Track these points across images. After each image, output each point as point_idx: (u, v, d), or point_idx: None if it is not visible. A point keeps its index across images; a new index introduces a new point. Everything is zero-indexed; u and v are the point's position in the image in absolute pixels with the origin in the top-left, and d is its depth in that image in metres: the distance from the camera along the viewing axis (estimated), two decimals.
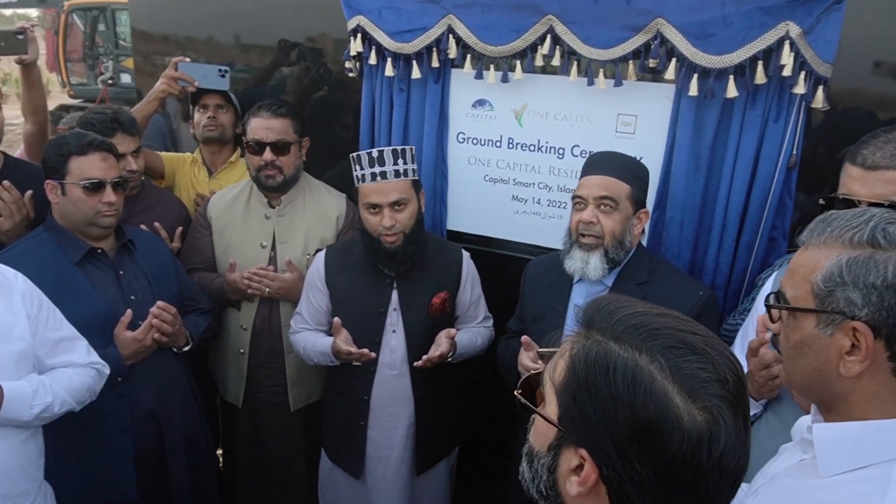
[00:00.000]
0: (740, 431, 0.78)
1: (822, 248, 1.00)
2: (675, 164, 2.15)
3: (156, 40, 3.22)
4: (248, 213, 2.56)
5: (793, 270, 1.05)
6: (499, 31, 2.26)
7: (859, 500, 0.93)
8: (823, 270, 0.98)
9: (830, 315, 0.97)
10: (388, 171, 2.14)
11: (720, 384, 0.78)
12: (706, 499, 0.78)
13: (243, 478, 2.80)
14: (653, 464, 0.77)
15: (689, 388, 0.77)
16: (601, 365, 0.81)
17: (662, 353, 0.79)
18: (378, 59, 2.49)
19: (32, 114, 2.65)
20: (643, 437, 0.77)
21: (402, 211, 2.16)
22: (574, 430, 0.83)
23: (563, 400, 0.85)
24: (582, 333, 0.87)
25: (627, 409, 0.77)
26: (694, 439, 0.75)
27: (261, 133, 2.44)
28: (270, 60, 2.94)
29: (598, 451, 0.80)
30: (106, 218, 2.08)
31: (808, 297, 1.00)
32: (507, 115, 2.43)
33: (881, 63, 1.93)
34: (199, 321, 2.37)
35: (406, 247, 2.17)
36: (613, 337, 0.82)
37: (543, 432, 0.89)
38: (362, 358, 2.16)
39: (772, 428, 1.62)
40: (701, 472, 0.76)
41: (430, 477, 2.45)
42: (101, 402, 1.95)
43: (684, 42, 2.00)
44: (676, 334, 0.81)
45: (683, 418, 0.76)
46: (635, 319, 0.83)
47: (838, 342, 0.97)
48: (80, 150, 2.05)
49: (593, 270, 1.92)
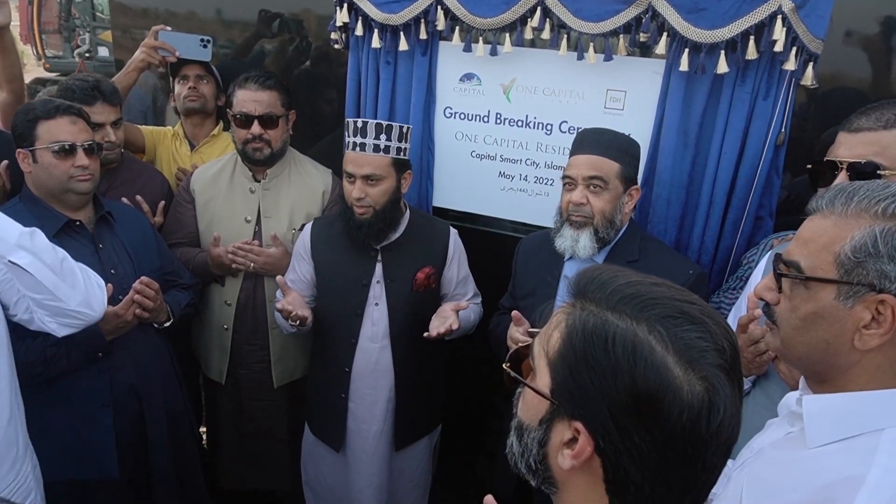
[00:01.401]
0: (736, 400, 0.78)
1: (848, 219, 0.97)
2: (664, 141, 2.14)
3: (135, 14, 3.14)
4: (232, 186, 2.52)
5: (808, 239, 1.02)
6: (488, 2, 2.22)
7: (846, 469, 0.93)
8: (854, 240, 0.95)
9: (855, 287, 0.95)
10: (368, 144, 2.12)
11: (718, 353, 0.77)
12: (703, 468, 0.78)
13: (226, 455, 2.79)
14: (652, 435, 0.76)
15: (689, 357, 0.76)
16: (599, 336, 0.79)
17: (661, 323, 0.77)
18: (364, 31, 2.44)
19: (7, 81, 2.57)
20: (643, 409, 0.75)
21: (374, 186, 2.15)
22: (569, 403, 0.81)
23: (558, 372, 0.82)
24: (576, 304, 0.85)
25: (628, 381, 0.76)
26: (694, 410, 0.75)
27: (248, 106, 2.39)
28: (251, 32, 2.88)
29: (595, 424, 0.78)
30: (81, 183, 2.03)
31: (830, 267, 0.97)
32: (496, 90, 2.40)
33: (870, 43, 1.92)
34: (180, 297, 2.33)
35: (374, 221, 2.17)
36: (609, 307, 0.81)
37: (534, 405, 0.86)
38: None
39: (759, 404, 1.63)
40: (700, 442, 0.76)
41: (411, 454, 2.46)
42: (81, 378, 1.93)
43: (676, 16, 1.97)
44: (674, 303, 0.79)
45: (683, 389, 0.75)
46: (631, 289, 0.81)
47: (857, 315, 0.96)
48: (48, 114, 1.99)
49: (583, 249, 1.91)
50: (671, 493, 0.79)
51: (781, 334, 1.07)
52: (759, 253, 2.03)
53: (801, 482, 0.97)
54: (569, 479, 0.84)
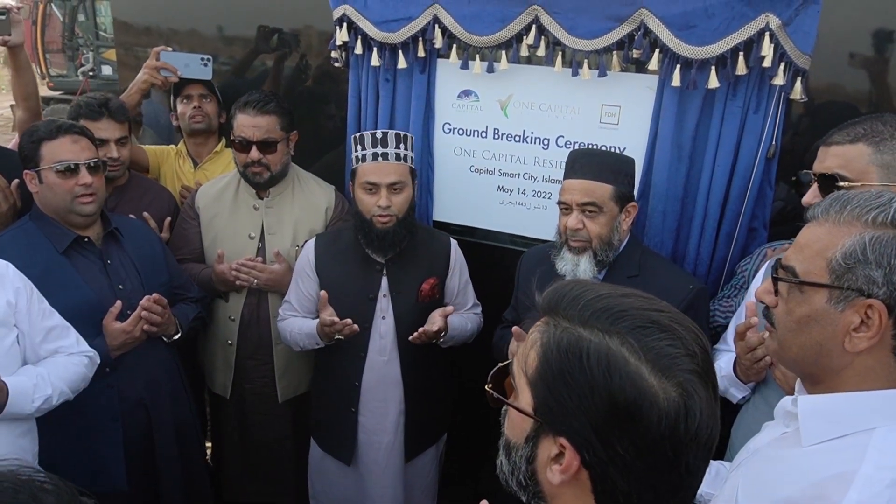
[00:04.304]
0: (711, 401, 0.80)
1: (841, 226, 1.01)
2: (658, 155, 2.18)
3: (137, 31, 3.20)
4: (236, 203, 2.56)
5: (803, 245, 1.06)
6: (484, 20, 2.28)
7: (838, 465, 0.96)
8: (844, 247, 0.99)
9: (845, 291, 0.99)
10: (390, 153, 2.17)
11: (690, 358, 0.79)
12: (686, 471, 0.80)
13: (230, 469, 2.81)
14: (634, 444, 0.78)
15: (662, 365, 0.78)
16: (574, 352, 0.81)
17: (632, 334, 0.80)
18: (364, 49, 2.50)
19: (23, 99, 2.62)
20: (623, 420, 0.78)
21: (398, 194, 2.19)
22: (552, 420, 0.83)
23: (538, 390, 0.85)
24: (549, 321, 0.87)
25: (605, 394, 0.78)
26: (672, 415, 0.77)
27: (247, 131, 2.42)
28: (250, 49, 2.92)
29: (579, 438, 0.80)
30: (85, 204, 2.05)
31: (822, 272, 1.01)
32: (493, 106, 2.45)
33: (857, 56, 1.96)
34: (188, 310, 2.37)
35: (397, 230, 2.20)
36: (581, 322, 0.83)
37: (519, 424, 0.89)
38: (345, 331, 2.15)
39: (759, 411, 1.66)
40: (680, 445, 0.78)
41: (420, 463, 2.48)
42: (90, 392, 1.96)
43: (667, 33, 2.02)
44: (642, 314, 0.82)
45: (659, 396, 0.77)
46: (601, 303, 0.84)
47: (847, 318, 0.99)
48: (50, 135, 2.04)
49: (584, 272, 1.94)
50: (659, 498, 0.81)
51: (778, 336, 1.10)
52: (752, 262, 2.06)
53: (795, 478, 1.01)
54: (558, 493, 0.85)
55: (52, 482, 0.67)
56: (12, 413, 1.65)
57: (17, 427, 1.74)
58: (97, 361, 1.96)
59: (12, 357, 1.73)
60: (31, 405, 1.70)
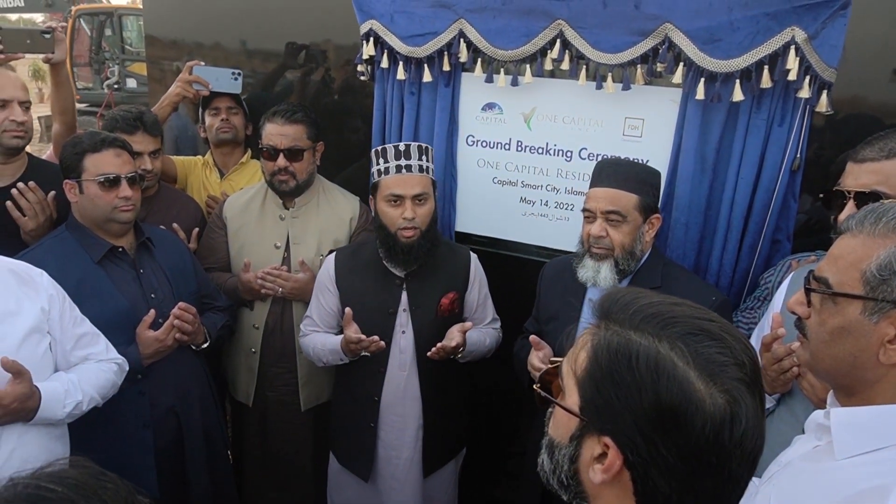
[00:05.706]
0: (758, 411, 0.82)
1: (876, 238, 1.02)
2: (682, 167, 2.19)
3: (164, 45, 3.28)
4: (263, 214, 2.60)
5: (837, 256, 1.07)
6: (509, 35, 2.31)
7: (873, 479, 0.96)
8: (879, 259, 1.00)
9: (880, 303, 0.99)
10: (414, 165, 2.19)
11: (738, 367, 0.81)
12: (728, 478, 0.81)
13: (252, 477, 2.83)
14: (677, 447, 0.79)
15: (709, 371, 0.80)
16: (624, 354, 0.83)
17: (682, 340, 0.82)
18: (390, 63, 2.54)
19: (60, 113, 2.70)
20: (668, 422, 0.79)
21: (422, 205, 2.21)
22: (597, 419, 0.85)
23: (586, 390, 0.87)
24: (600, 325, 0.90)
25: (651, 395, 0.80)
26: (717, 421, 0.78)
27: (275, 139, 2.48)
28: (278, 63, 2.99)
29: (623, 438, 0.82)
30: (124, 213, 2.12)
31: (857, 283, 1.02)
32: (517, 119, 2.48)
33: (885, 68, 1.96)
34: (216, 318, 2.41)
35: (422, 243, 2.21)
36: (632, 327, 0.85)
37: (564, 423, 0.90)
38: (371, 347, 2.16)
39: (784, 422, 1.65)
40: (724, 452, 0.79)
41: (439, 478, 2.47)
42: (122, 398, 1.99)
43: (692, 47, 2.04)
44: (693, 321, 0.84)
45: (706, 401, 0.79)
46: (652, 309, 0.86)
47: (882, 330, 1.00)
48: (94, 148, 2.09)
49: (604, 280, 1.95)
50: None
51: (811, 347, 1.10)
52: (776, 274, 2.06)
53: (830, 492, 1.00)
54: (600, 493, 0.87)
55: (112, 481, 0.70)
56: (44, 418, 1.70)
57: (50, 432, 1.77)
58: (126, 368, 2.00)
59: (45, 363, 1.76)
60: (63, 410, 1.74)
